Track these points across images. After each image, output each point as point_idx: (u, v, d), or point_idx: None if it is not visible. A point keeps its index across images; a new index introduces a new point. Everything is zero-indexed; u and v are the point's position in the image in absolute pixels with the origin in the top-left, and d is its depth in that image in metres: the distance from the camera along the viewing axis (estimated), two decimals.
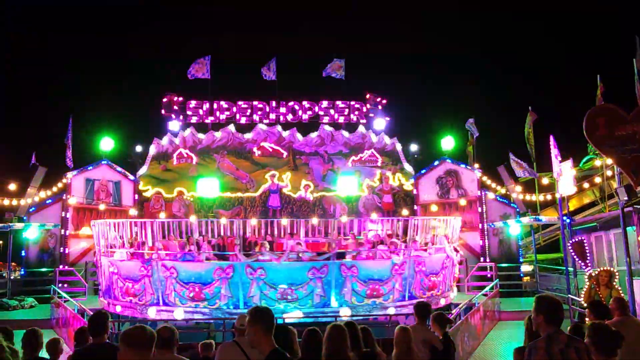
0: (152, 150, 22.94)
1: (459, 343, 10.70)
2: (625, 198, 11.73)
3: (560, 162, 16.76)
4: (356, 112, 24.19)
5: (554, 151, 17.17)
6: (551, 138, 17.38)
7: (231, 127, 23.37)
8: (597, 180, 26.00)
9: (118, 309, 14.37)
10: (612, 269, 12.68)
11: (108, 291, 15.25)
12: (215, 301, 13.45)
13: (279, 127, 23.59)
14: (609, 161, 16.06)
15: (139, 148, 23.46)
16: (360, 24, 70.14)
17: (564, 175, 16.56)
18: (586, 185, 26.65)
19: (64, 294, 15.34)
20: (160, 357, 4.55)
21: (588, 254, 14.72)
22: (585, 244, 14.83)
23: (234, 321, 7.87)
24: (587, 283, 12.37)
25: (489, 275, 19.17)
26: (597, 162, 24.71)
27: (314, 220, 16.24)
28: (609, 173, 21.69)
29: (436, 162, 22.40)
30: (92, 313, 6.45)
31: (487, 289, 15.58)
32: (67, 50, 66.61)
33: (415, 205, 22.01)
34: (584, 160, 28.22)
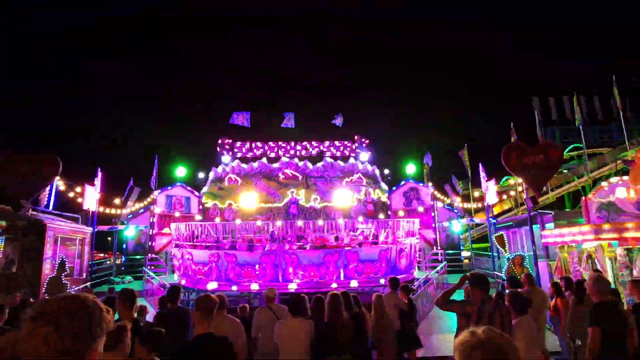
0: (211, 175, 23.17)
1: (419, 306, 10.66)
2: (531, 205, 11.75)
3: (487, 181, 16.79)
4: (348, 149, 24.46)
5: (482, 174, 17.20)
6: (480, 165, 17.43)
7: (264, 160, 23.61)
8: (512, 193, 25.97)
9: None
10: (523, 254, 12.65)
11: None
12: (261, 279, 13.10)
13: (296, 159, 23.77)
14: (520, 180, 16.04)
15: (201, 174, 23.92)
16: (354, 89, 71.23)
17: (489, 190, 16.56)
18: (505, 197, 26.61)
19: (151, 273, 15.36)
20: (216, 316, 4.59)
21: (506, 244, 14.67)
22: (505, 237, 14.79)
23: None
24: (507, 264, 12.34)
25: (439, 259, 19.07)
26: (512, 181, 24.68)
27: (320, 222, 16.22)
28: (519, 188, 21.64)
29: (402, 182, 22.43)
30: (169, 286, 6.47)
31: (438, 268, 15.49)
32: (149, 104, 67.80)
33: (389, 212, 21.98)
34: (503, 179, 28.22)
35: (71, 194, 17.29)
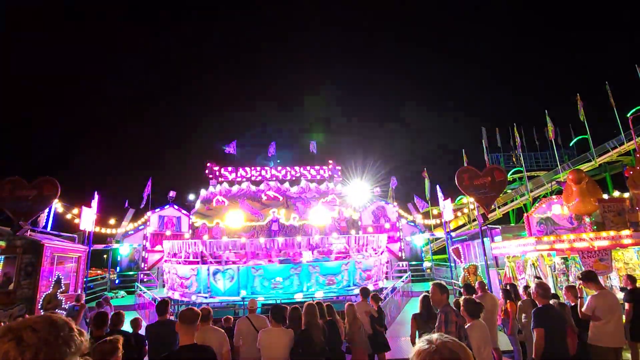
0: (200, 197, 22.69)
1: (387, 312, 10.56)
2: (482, 221, 11.96)
3: (444, 200, 17.06)
4: (322, 173, 24.47)
5: (440, 194, 17.49)
6: (438, 187, 17.74)
7: (248, 183, 23.34)
8: (465, 210, 26.44)
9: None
10: (476, 263, 12.80)
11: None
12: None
13: (278, 182, 23.60)
14: (471, 199, 16.40)
15: (192, 196, 23.22)
16: (329, 117, 72.08)
17: (446, 208, 16.82)
18: (459, 214, 27.05)
19: (143, 288, 14.73)
20: (201, 327, 4.40)
21: (462, 255, 14.82)
22: (460, 249, 14.96)
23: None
24: (462, 273, 12.43)
25: (404, 269, 19.09)
26: (465, 200, 25.18)
27: (299, 238, 16.02)
28: (471, 206, 22.08)
29: (371, 202, 22.57)
30: (159, 300, 6.21)
31: (403, 277, 15.47)
32: (149, 132, 66.56)
33: (359, 228, 21.97)
34: (457, 199, 28.77)
35: (69, 216, 16.62)
